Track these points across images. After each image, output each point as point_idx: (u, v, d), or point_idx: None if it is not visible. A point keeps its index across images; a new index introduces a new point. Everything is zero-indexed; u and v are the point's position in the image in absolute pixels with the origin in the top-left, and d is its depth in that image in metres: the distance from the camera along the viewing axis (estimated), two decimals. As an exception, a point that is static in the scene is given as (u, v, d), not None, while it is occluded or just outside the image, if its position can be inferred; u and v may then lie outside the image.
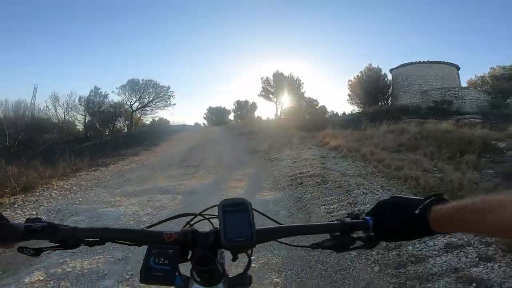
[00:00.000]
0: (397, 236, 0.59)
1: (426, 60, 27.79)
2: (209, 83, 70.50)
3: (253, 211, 0.59)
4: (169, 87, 24.93)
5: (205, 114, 40.53)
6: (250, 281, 0.63)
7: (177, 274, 0.56)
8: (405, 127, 10.23)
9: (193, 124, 38.16)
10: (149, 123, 30.89)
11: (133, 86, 23.35)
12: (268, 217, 0.69)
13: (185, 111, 62.83)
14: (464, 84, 29.59)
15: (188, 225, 0.63)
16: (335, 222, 0.62)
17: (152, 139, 16.49)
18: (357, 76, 32.85)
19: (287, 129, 16.38)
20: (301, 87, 33.36)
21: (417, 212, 0.55)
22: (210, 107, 40.78)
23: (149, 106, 24.56)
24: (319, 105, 34.05)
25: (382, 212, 0.60)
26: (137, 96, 23.69)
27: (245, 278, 0.63)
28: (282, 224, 0.64)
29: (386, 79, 31.03)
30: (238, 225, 0.55)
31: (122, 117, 25.28)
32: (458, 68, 28.46)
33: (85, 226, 0.72)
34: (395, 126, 10.74)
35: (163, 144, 14.04)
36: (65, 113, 22.77)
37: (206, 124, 38.78)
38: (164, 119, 35.67)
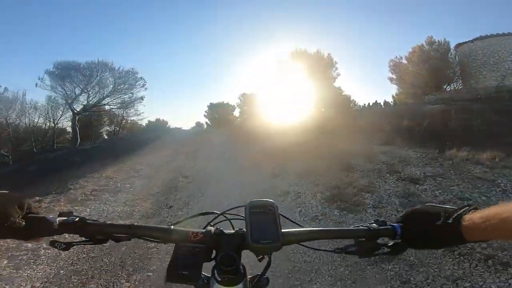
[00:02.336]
0: (428, 244, 0.55)
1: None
2: (210, 75, 58.38)
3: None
4: (135, 71, 14.43)
5: (205, 112, 30.55)
6: (267, 282, 0.60)
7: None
8: None
9: (193, 125, 29.28)
10: (144, 125, 23.99)
11: (68, 72, 12.90)
12: (292, 221, 0.66)
13: (187, 111, 51.69)
14: None
15: (210, 225, 0.60)
16: (361, 228, 0.58)
17: (66, 175, 6.22)
18: (412, 52, 22.69)
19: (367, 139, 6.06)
20: (333, 69, 22.67)
21: (450, 221, 0.51)
22: (211, 104, 30.74)
23: (99, 105, 14.01)
24: (343, 93, 23.88)
25: (412, 220, 0.56)
26: (80, 88, 13.23)
27: (263, 279, 0.59)
28: (307, 228, 0.59)
29: (453, 55, 21.56)
30: (265, 227, 0.52)
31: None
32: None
33: (113, 222, 0.61)
34: None
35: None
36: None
37: (209, 122, 29.02)
38: (161, 120, 28.42)
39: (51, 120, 13.95)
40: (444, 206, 0.55)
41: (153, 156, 8.00)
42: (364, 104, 23.97)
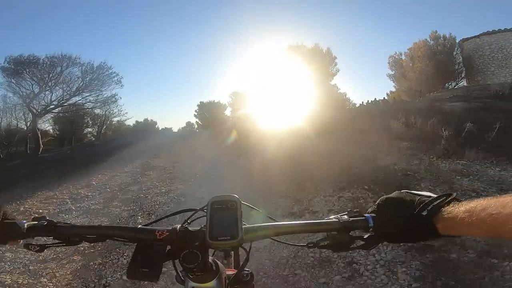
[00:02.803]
0: (400, 238, 0.50)
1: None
2: (201, 74, 55.34)
3: (246, 206, 0.55)
4: (107, 66, 12.18)
5: (196, 111, 28.73)
6: (251, 278, 0.59)
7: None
8: None
9: (183, 125, 27.56)
10: (132, 126, 22.95)
11: (24, 68, 10.57)
12: (260, 211, 0.63)
13: (177, 110, 48.95)
14: None
15: (187, 222, 0.59)
16: (333, 220, 0.54)
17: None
18: (416, 47, 21.48)
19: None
20: (332, 65, 20.96)
21: (424, 213, 0.45)
22: (201, 103, 28.99)
23: (65, 104, 11.69)
24: (338, 91, 22.22)
25: (385, 211, 0.51)
26: (40, 86, 10.90)
27: (243, 275, 0.58)
28: (276, 221, 0.57)
29: (459, 50, 20.49)
30: (225, 223, 0.50)
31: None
32: None
33: (82, 224, 0.62)
34: None
35: None
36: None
37: (199, 122, 27.15)
38: (150, 120, 27.10)
39: (19, 121, 11.62)
40: (419, 193, 0.49)
41: (113, 172, 5.72)
42: (362, 102, 22.32)
